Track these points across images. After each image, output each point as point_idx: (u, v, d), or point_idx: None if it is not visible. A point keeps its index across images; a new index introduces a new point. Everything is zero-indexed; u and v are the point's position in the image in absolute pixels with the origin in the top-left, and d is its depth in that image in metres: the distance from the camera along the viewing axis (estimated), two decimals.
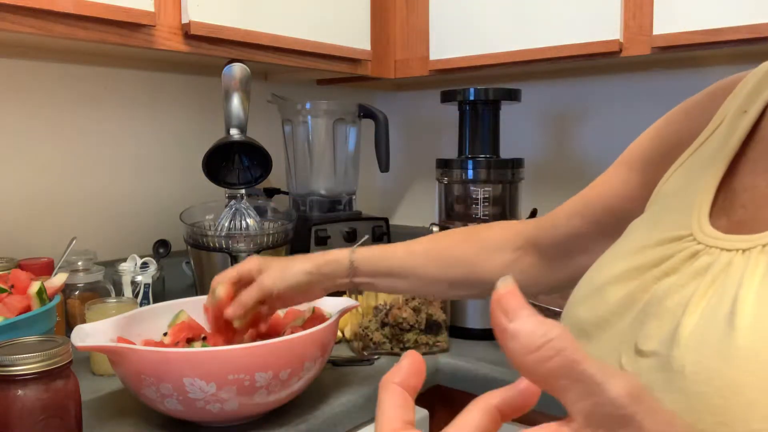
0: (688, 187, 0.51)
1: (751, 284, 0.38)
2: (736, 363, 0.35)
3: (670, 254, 0.46)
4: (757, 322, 0.36)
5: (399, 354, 1.03)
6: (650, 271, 0.46)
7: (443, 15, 1.35)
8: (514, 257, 0.76)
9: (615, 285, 0.48)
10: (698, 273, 0.43)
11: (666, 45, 1.07)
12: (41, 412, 0.61)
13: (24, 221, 1.15)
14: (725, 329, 0.37)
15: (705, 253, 0.44)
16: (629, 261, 0.48)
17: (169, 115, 1.36)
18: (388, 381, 0.29)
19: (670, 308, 0.42)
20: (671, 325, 0.41)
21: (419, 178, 1.78)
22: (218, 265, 1.13)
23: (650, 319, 0.43)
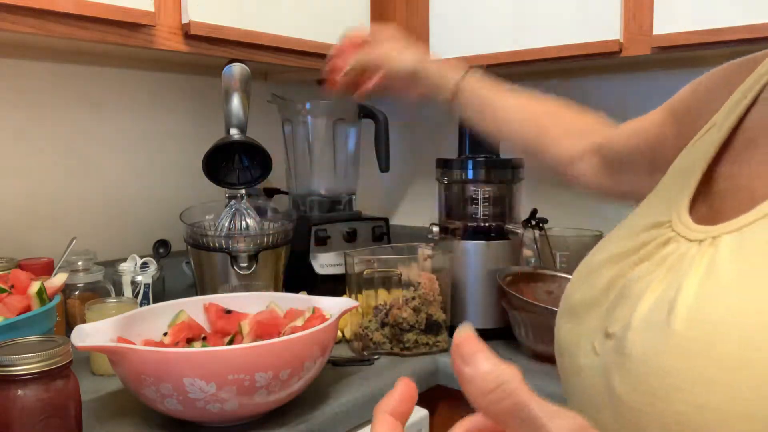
0: (683, 172, 0.52)
1: (695, 275, 0.40)
2: (671, 349, 0.37)
3: (648, 241, 0.47)
4: (692, 311, 0.38)
5: (399, 354, 1.03)
6: (630, 257, 0.48)
7: (443, 15, 1.35)
8: (584, 150, 0.76)
9: (603, 269, 0.50)
10: (662, 261, 0.44)
11: (666, 45, 1.07)
12: (41, 412, 0.61)
13: (24, 221, 1.15)
14: (666, 317, 0.39)
15: (673, 241, 0.45)
16: (618, 246, 0.50)
17: (169, 115, 1.36)
18: (381, 411, 0.30)
19: (634, 294, 0.44)
20: (630, 310, 0.43)
21: (419, 178, 1.78)
22: (218, 265, 1.13)
23: (620, 303, 0.45)
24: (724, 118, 0.52)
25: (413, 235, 1.45)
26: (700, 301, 0.38)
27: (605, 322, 0.46)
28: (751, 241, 0.39)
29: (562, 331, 0.52)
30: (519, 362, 1.00)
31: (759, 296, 0.36)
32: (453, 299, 1.10)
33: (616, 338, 0.43)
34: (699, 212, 0.47)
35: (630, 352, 0.40)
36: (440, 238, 1.15)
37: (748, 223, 0.40)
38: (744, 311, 0.35)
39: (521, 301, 0.99)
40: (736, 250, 0.39)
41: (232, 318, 0.92)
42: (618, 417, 0.41)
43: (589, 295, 0.50)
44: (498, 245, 1.11)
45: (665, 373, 0.37)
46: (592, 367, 0.46)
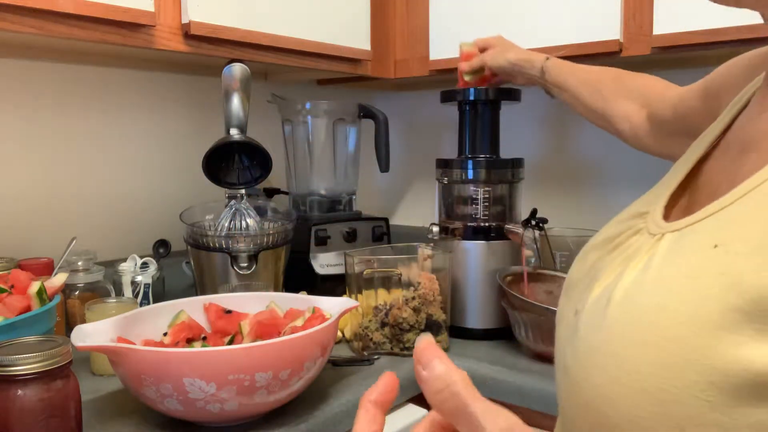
0: (677, 166, 0.54)
1: (635, 267, 0.43)
2: (602, 330, 0.42)
3: (624, 230, 0.51)
4: (622, 299, 0.42)
5: (399, 354, 1.03)
6: (609, 244, 0.51)
7: (443, 15, 1.35)
8: (634, 110, 0.87)
9: (591, 252, 0.53)
10: (624, 251, 0.48)
11: (666, 45, 1.07)
12: (41, 412, 0.61)
13: (24, 221, 1.15)
14: (605, 303, 0.43)
15: (640, 233, 0.48)
16: (608, 230, 0.54)
17: (169, 115, 1.36)
18: (365, 400, 0.34)
19: (596, 279, 0.48)
20: (588, 293, 0.48)
21: (419, 178, 1.78)
22: (218, 265, 1.13)
23: (588, 286, 0.49)
24: (720, 119, 0.54)
25: (413, 235, 1.45)
26: (630, 291, 0.42)
27: (577, 301, 0.50)
28: (685, 241, 0.42)
29: (559, 306, 0.56)
30: (519, 362, 1.00)
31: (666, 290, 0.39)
32: (453, 299, 1.10)
33: (577, 316, 0.47)
34: (680, 207, 0.50)
35: (579, 330, 0.45)
36: (440, 238, 1.15)
37: (690, 223, 0.43)
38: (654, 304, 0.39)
39: (521, 301, 0.99)
40: (671, 249, 0.42)
41: (232, 318, 0.92)
42: (567, 386, 0.46)
43: (577, 276, 0.54)
44: (498, 245, 1.11)
45: (594, 350, 0.42)
46: (562, 338, 0.50)
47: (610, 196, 1.44)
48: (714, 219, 0.41)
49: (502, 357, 1.02)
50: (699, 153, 0.53)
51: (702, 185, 0.50)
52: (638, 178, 1.34)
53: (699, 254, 0.39)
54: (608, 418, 0.40)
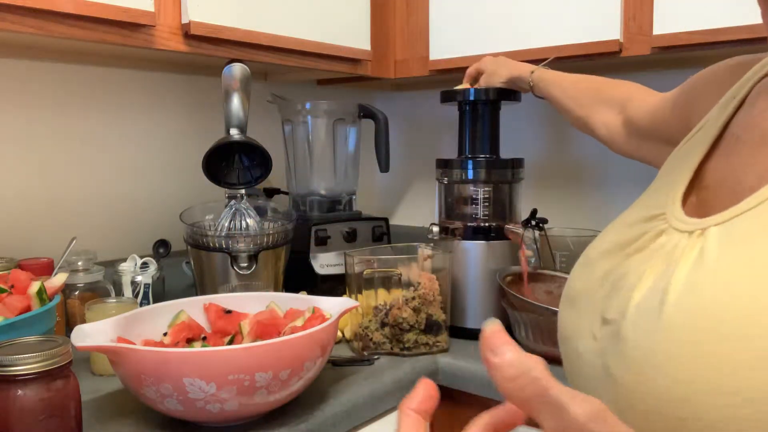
0: (677, 167, 0.55)
1: (684, 266, 0.43)
2: (660, 332, 0.41)
3: (643, 233, 0.50)
4: (681, 298, 0.41)
5: (399, 354, 1.03)
6: (624, 249, 0.51)
7: (443, 15, 1.35)
8: (614, 118, 0.90)
9: (601, 260, 0.53)
10: (655, 252, 0.47)
11: (666, 45, 1.07)
12: (41, 412, 0.61)
13: (24, 221, 1.15)
14: (657, 306, 0.42)
15: (666, 233, 0.48)
16: (614, 237, 0.53)
17: (169, 115, 1.36)
18: (406, 407, 0.33)
19: (629, 283, 0.47)
20: (626, 299, 0.46)
21: (419, 178, 1.78)
22: (218, 265, 1.13)
23: (615, 292, 0.48)
24: (715, 118, 0.55)
25: (413, 235, 1.45)
26: (688, 289, 0.41)
27: (602, 310, 0.49)
28: (736, 232, 0.42)
29: (564, 319, 0.55)
30: None
31: (740, 283, 0.38)
32: (453, 299, 1.10)
33: (614, 324, 0.46)
34: (691, 205, 0.50)
35: (625, 337, 0.44)
36: (440, 238, 1.15)
37: (734, 215, 0.43)
38: (726, 297, 0.39)
39: (521, 301, 0.99)
40: (723, 241, 0.42)
41: (232, 318, 0.92)
42: (612, 396, 0.44)
43: (587, 286, 0.53)
44: (498, 245, 1.11)
45: (654, 353, 0.41)
46: (591, 352, 0.49)
47: (610, 196, 1.44)
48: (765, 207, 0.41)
49: None
50: (700, 153, 0.53)
51: (714, 183, 0.50)
52: (638, 178, 1.34)
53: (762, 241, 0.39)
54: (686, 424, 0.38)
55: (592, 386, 0.48)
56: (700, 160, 0.53)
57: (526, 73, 1.08)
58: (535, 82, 1.06)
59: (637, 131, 0.83)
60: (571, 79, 1.02)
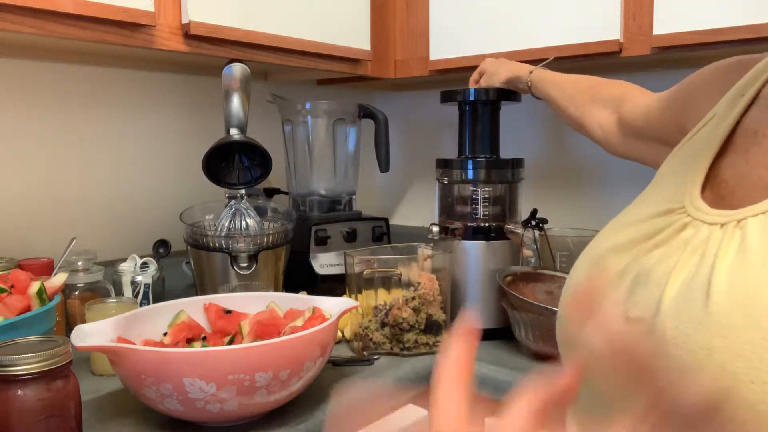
0: (683, 166, 0.55)
1: (725, 256, 0.42)
2: (709, 328, 0.40)
3: (663, 227, 0.50)
4: (729, 290, 0.40)
5: (399, 354, 1.03)
6: (643, 243, 0.50)
7: (443, 15, 1.35)
8: (607, 118, 0.90)
9: (613, 257, 0.52)
10: (683, 245, 0.47)
11: (666, 45, 1.07)
12: (41, 412, 0.61)
13: (24, 221, 1.15)
14: (702, 298, 0.41)
15: (691, 225, 0.48)
16: (626, 234, 0.53)
17: (169, 115, 1.36)
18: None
19: (656, 278, 0.46)
20: (656, 294, 0.45)
21: (419, 178, 1.78)
22: (218, 265, 1.13)
23: (639, 288, 0.47)
24: (725, 113, 0.54)
25: (413, 235, 1.45)
26: (734, 281, 0.40)
27: (624, 307, 0.48)
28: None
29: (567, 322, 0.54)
30: (519, 362, 1.00)
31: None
32: (453, 299, 1.10)
33: (643, 322, 0.45)
34: (706, 200, 0.50)
35: (663, 335, 0.42)
36: (440, 238, 1.15)
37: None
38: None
39: (521, 301, 0.99)
40: (766, 231, 0.42)
41: (232, 318, 0.92)
42: None
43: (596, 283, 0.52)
44: (498, 245, 1.11)
45: (707, 351, 0.39)
46: None
47: (610, 196, 1.44)
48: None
49: (502, 357, 1.02)
50: (714, 149, 0.53)
51: (732, 178, 0.50)
52: (638, 178, 1.33)
53: None
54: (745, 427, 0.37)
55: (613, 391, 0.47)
56: (714, 155, 0.52)
57: (524, 73, 1.09)
58: (533, 83, 1.07)
59: (632, 131, 0.83)
60: (569, 79, 1.03)
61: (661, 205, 0.52)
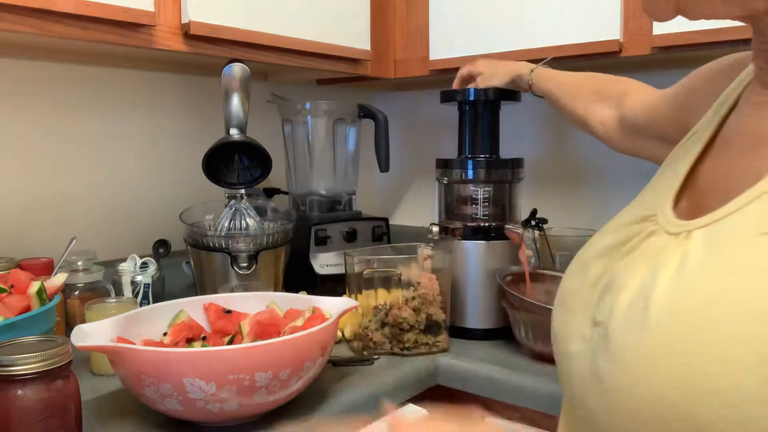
0: (671, 169, 0.55)
1: (669, 268, 0.43)
2: (649, 337, 0.41)
3: (634, 234, 0.51)
4: (666, 302, 0.41)
5: (399, 354, 1.03)
6: (618, 249, 0.51)
7: (443, 15, 1.35)
8: (609, 115, 0.91)
9: (595, 261, 0.53)
10: (644, 253, 0.48)
11: (666, 45, 1.07)
12: (41, 412, 0.61)
13: (24, 221, 1.15)
14: (643, 307, 0.43)
15: (656, 234, 0.48)
16: (608, 239, 0.54)
17: (169, 115, 1.36)
18: None
19: (618, 284, 0.48)
20: (614, 300, 0.47)
21: (419, 178, 1.78)
22: (218, 265, 1.13)
23: (607, 293, 0.49)
24: (709, 120, 0.55)
25: (413, 235, 1.45)
26: (672, 292, 0.41)
27: (594, 312, 0.49)
28: (718, 236, 0.42)
29: (556, 320, 0.56)
30: (519, 362, 1.00)
31: (720, 287, 0.39)
32: (453, 299, 1.10)
33: (603, 326, 0.47)
34: (684, 207, 0.51)
35: (613, 339, 0.44)
36: (440, 238, 1.15)
37: (718, 218, 0.43)
38: (707, 301, 0.39)
39: (521, 301, 0.99)
40: (706, 244, 0.43)
41: (232, 318, 0.92)
42: (602, 398, 0.45)
43: (579, 287, 0.53)
44: (498, 245, 1.11)
45: (645, 357, 0.41)
46: (581, 353, 0.49)
47: (610, 196, 1.44)
48: (749, 210, 0.41)
49: (502, 357, 1.02)
50: (693, 155, 0.53)
51: (705, 185, 0.50)
52: (638, 178, 1.33)
53: (745, 243, 0.40)
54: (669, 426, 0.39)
55: (582, 388, 0.48)
56: (693, 162, 0.53)
57: (525, 71, 1.08)
58: (534, 80, 1.06)
59: (634, 128, 0.83)
60: (570, 76, 1.02)
61: (641, 211, 0.53)
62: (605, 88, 0.94)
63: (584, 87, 0.98)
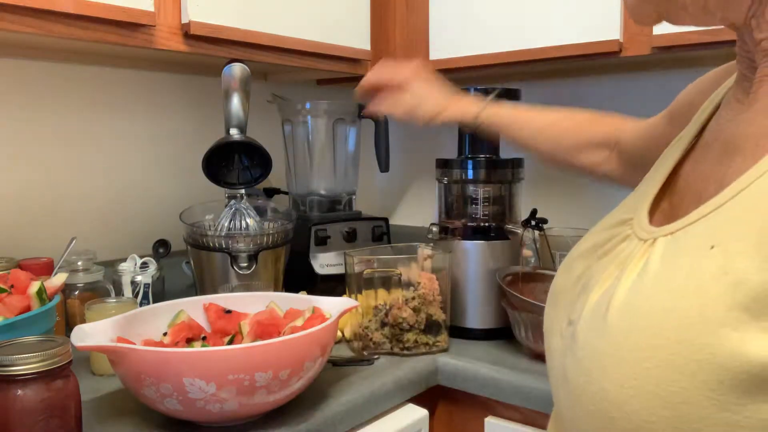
0: (655, 171, 0.56)
1: (632, 273, 0.44)
2: (605, 338, 0.43)
3: (611, 237, 0.52)
4: (623, 307, 0.42)
5: (399, 354, 1.03)
6: (596, 251, 0.52)
7: (443, 15, 1.35)
8: (605, 157, 0.85)
9: (577, 261, 0.54)
10: (616, 257, 0.49)
11: (666, 45, 1.07)
12: (41, 412, 0.61)
13: (24, 221, 1.15)
14: (604, 311, 0.44)
15: (629, 239, 0.49)
16: (592, 239, 0.55)
17: (169, 115, 1.36)
18: None
19: (590, 286, 0.49)
20: (584, 301, 0.48)
21: (419, 178, 1.78)
22: (218, 265, 1.13)
23: (581, 294, 0.50)
24: (692, 124, 0.56)
25: (413, 235, 1.45)
26: (629, 297, 0.43)
27: (570, 311, 0.51)
28: (679, 244, 0.43)
29: (546, 316, 0.57)
30: (519, 362, 1.00)
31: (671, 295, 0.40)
32: (453, 299, 1.10)
33: (573, 326, 0.48)
34: (662, 211, 0.51)
35: (577, 339, 0.46)
36: (440, 238, 1.15)
37: (682, 226, 0.44)
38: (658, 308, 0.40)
39: (521, 300, 0.99)
40: (666, 252, 0.43)
41: (232, 318, 0.92)
42: (567, 394, 0.46)
43: (564, 285, 0.55)
44: (498, 245, 1.11)
45: (599, 356, 0.43)
46: (557, 349, 0.51)
47: (609, 196, 1.43)
48: (707, 221, 0.42)
49: (502, 357, 1.02)
50: (675, 158, 0.54)
51: (683, 189, 0.51)
52: None
53: (696, 255, 0.40)
54: (616, 424, 0.41)
55: (555, 384, 0.50)
56: (673, 165, 0.54)
57: (469, 116, 0.91)
58: (487, 125, 0.90)
59: (635, 161, 0.78)
60: (542, 119, 0.89)
61: (622, 214, 0.54)
62: (591, 131, 0.86)
63: (565, 131, 0.87)
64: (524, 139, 0.89)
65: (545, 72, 1.45)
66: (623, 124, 0.84)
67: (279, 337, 0.77)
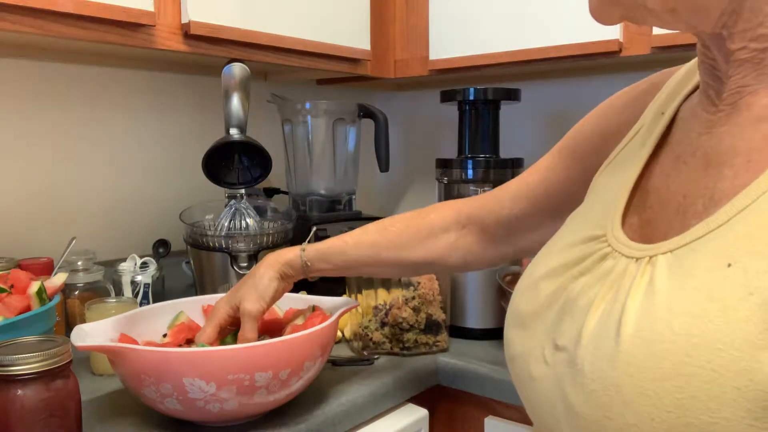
0: (612, 186, 0.54)
1: (636, 295, 0.42)
2: (619, 366, 0.40)
3: (587, 254, 0.49)
4: (636, 331, 0.40)
5: (399, 354, 1.03)
6: (570, 270, 0.50)
7: (443, 15, 1.35)
8: (457, 236, 0.79)
9: (545, 281, 0.51)
10: (603, 276, 0.46)
11: (666, 45, 1.07)
12: (41, 411, 0.61)
13: (24, 221, 1.15)
14: (613, 335, 0.41)
15: (611, 256, 0.47)
16: (558, 258, 0.52)
17: (169, 115, 1.36)
18: None
19: (579, 307, 0.46)
20: (578, 324, 0.45)
21: (419, 178, 1.78)
22: (218, 265, 1.13)
23: (566, 316, 0.47)
24: (645, 135, 0.54)
25: None
26: (642, 322, 0.40)
27: (553, 334, 0.48)
28: (688, 262, 0.41)
29: (514, 341, 0.54)
30: None
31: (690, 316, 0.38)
32: (453, 299, 1.10)
33: (567, 352, 0.45)
34: (632, 225, 0.49)
35: (582, 368, 0.43)
36: None
37: (682, 244, 0.42)
38: (677, 330, 0.38)
39: None
40: (673, 271, 0.41)
41: None
42: (575, 427, 0.43)
43: (533, 307, 0.52)
44: None
45: (616, 388, 0.40)
46: (545, 377, 0.47)
47: None
48: (714, 237, 0.40)
49: (502, 357, 1.01)
50: (636, 170, 0.52)
51: (656, 203, 0.49)
52: None
53: (712, 275, 0.39)
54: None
55: (552, 414, 0.47)
56: (636, 177, 0.52)
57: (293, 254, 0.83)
58: (312, 259, 0.83)
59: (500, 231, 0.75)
60: (370, 233, 0.82)
61: (588, 230, 0.51)
62: (429, 219, 0.80)
63: (400, 232, 0.81)
64: (363, 258, 0.81)
65: (545, 72, 1.45)
66: (469, 203, 0.80)
67: (279, 337, 0.77)
